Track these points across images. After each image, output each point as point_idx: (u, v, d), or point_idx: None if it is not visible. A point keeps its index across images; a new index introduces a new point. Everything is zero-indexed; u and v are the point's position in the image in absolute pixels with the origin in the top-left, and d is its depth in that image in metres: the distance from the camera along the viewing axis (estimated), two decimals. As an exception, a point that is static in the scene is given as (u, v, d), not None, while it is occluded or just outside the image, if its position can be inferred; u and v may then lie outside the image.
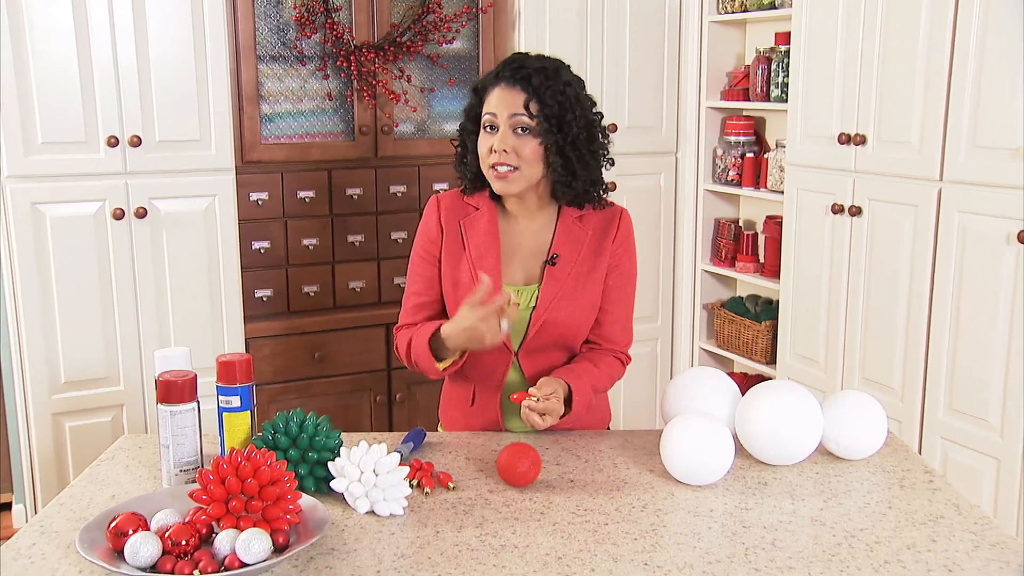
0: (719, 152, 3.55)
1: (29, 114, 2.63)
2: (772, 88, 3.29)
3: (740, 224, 3.62)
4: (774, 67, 3.27)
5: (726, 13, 3.43)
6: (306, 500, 1.35)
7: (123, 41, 2.70)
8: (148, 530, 1.26)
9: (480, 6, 3.27)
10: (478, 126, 1.78)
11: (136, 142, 2.74)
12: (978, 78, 2.40)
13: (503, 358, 1.81)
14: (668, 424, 1.59)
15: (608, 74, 3.39)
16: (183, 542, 1.22)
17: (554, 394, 1.67)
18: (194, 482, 1.46)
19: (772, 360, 3.32)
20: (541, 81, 1.71)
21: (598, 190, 1.83)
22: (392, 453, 1.43)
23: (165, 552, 1.22)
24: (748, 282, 3.53)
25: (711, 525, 1.40)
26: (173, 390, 1.48)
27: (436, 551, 1.31)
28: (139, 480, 1.56)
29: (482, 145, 1.76)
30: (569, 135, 1.73)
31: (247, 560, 1.20)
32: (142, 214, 2.79)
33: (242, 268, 3.00)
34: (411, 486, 1.49)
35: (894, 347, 2.72)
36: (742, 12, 3.36)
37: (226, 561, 1.21)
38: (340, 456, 1.45)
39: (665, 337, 3.73)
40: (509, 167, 1.72)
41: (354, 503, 1.42)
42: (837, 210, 2.86)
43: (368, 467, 1.41)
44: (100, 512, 1.35)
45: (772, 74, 3.28)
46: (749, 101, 3.40)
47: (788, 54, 3.13)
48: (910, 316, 2.66)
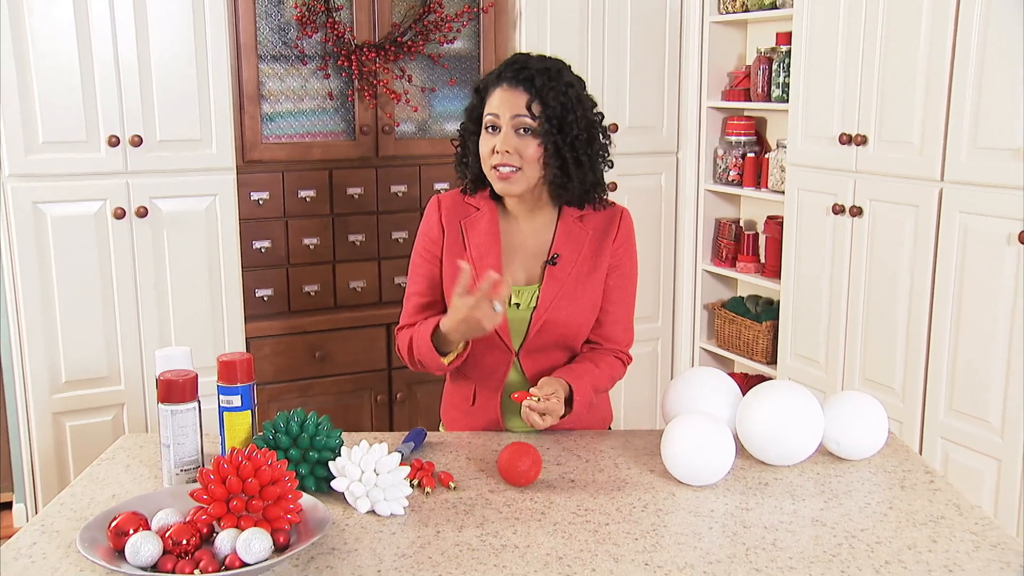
0: (720, 152, 3.55)
1: (30, 113, 2.63)
2: (773, 88, 3.29)
3: (741, 224, 3.62)
4: (775, 67, 3.27)
5: (727, 13, 3.43)
6: (307, 500, 1.35)
7: (124, 40, 2.70)
8: (149, 529, 1.26)
9: (481, 6, 3.27)
10: (479, 126, 1.78)
11: (137, 141, 2.75)
12: (979, 78, 2.40)
13: (504, 358, 1.81)
14: (669, 424, 1.59)
15: (609, 74, 3.39)
16: (184, 541, 1.22)
17: (555, 394, 1.67)
18: (195, 482, 1.47)
19: (773, 360, 3.32)
20: (544, 82, 1.71)
21: (598, 191, 1.82)
22: (393, 453, 1.44)
23: (166, 552, 1.22)
24: (749, 282, 3.53)
25: (712, 525, 1.40)
26: (174, 389, 1.49)
27: (437, 551, 1.31)
28: (140, 479, 1.56)
29: (484, 145, 1.76)
30: (569, 136, 1.73)
31: (248, 560, 1.20)
32: (143, 213, 2.79)
33: (243, 267, 3.01)
34: (412, 486, 1.49)
35: (895, 347, 2.72)
36: (743, 12, 3.36)
37: (227, 561, 1.21)
38: (341, 456, 1.45)
39: (666, 337, 3.73)
40: (511, 168, 1.72)
41: (355, 503, 1.42)
42: (838, 210, 2.86)
43: (369, 467, 1.41)
44: (101, 511, 1.35)
45: (773, 74, 3.28)
46: (750, 101, 3.39)
47: (789, 54, 3.13)
48: (911, 316, 2.66)
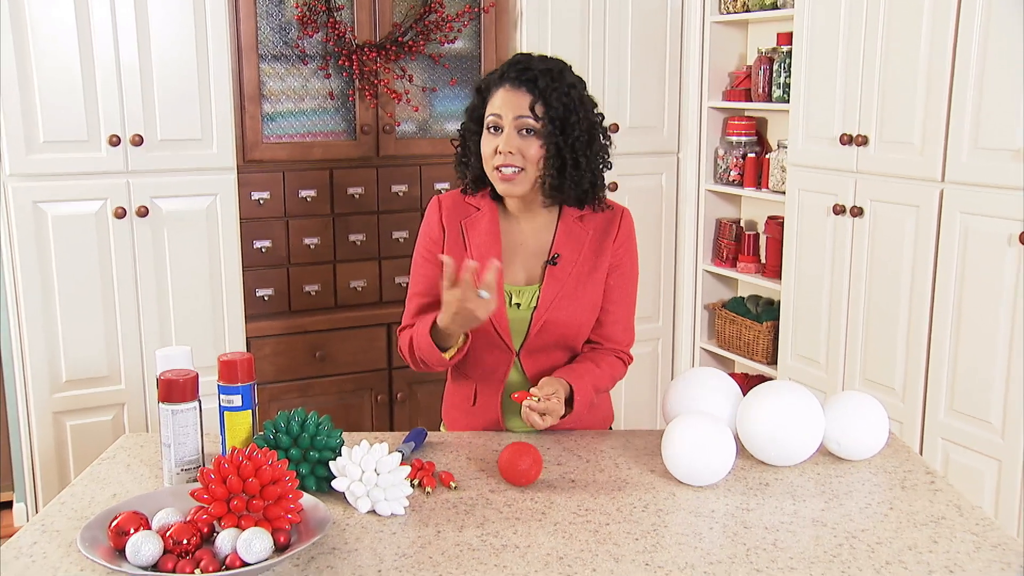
0: (721, 152, 3.55)
1: (31, 113, 2.63)
2: (774, 88, 3.29)
3: (741, 224, 3.62)
4: (776, 67, 3.27)
5: (728, 13, 3.43)
6: (307, 499, 1.35)
7: (125, 40, 2.70)
8: (149, 529, 1.26)
9: (482, 6, 3.27)
10: (481, 126, 1.78)
11: (138, 141, 2.75)
12: (980, 79, 2.40)
13: (504, 358, 1.81)
14: (669, 424, 1.59)
15: (610, 74, 3.39)
16: (184, 541, 1.22)
17: (555, 394, 1.67)
18: (195, 481, 1.47)
19: (773, 361, 3.32)
20: (547, 83, 1.71)
21: (597, 192, 1.81)
22: (393, 453, 1.44)
23: (166, 551, 1.22)
24: (749, 282, 3.53)
25: (712, 525, 1.39)
26: (175, 389, 1.49)
27: (437, 551, 1.31)
28: (140, 479, 1.56)
29: (486, 146, 1.75)
30: (571, 137, 1.72)
31: (248, 559, 1.20)
32: (144, 213, 2.79)
33: (243, 267, 3.01)
34: (412, 486, 1.49)
35: (895, 348, 2.72)
36: (744, 12, 3.36)
37: (227, 560, 1.21)
38: (341, 455, 1.45)
39: (666, 337, 3.73)
40: (514, 168, 1.72)
41: (355, 502, 1.42)
42: (839, 211, 2.86)
43: (369, 466, 1.41)
44: (101, 511, 1.35)
45: (774, 74, 3.28)
46: (751, 101, 3.39)
47: (790, 54, 3.13)
48: (911, 317, 2.66)
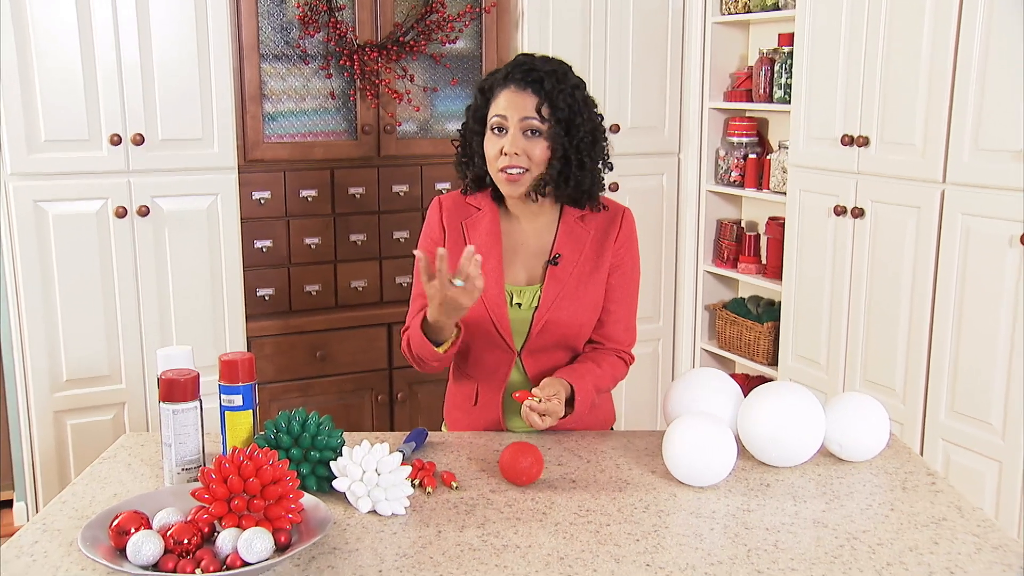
0: (722, 153, 3.55)
1: (32, 112, 2.63)
2: (775, 89, 3.28)
3: (742, 225, 3.62)
4: (777, 68, 3.27)
5: (729, 14, 3.43)
6: (308, 499, 1.35)
7: (126, 40, 2.70)
8: (150, 529, 1.26)
9: (483, 6, 3.27)
10: (484, 127, 1.78)
11: (139, 140, 2.75)
12: (981, 80, 2.40)
13: (506, 358, 1.81)
14: (670, 425, 1.59)
15: (611, 74, 3.39)
16: (185, 541, 1.22)
17: (556, 395, 1.67)
18: (196, 481, 1.46)
19: (774, 361, 3.32)
20: (553, 85, 1.71)
21: (598, 192, 1.82)
22: (394, 453, 1.44)
23: (167, 551, 1.22)
24: (750, 283, 3.53)
25: (713, 526, 1.39)
26: (175, 389, 1.48)
27: (438, 551, 1.31)
28: (141, 479, 1.56)
29: (491, 147, 1.75)
30: (576, 138, 1.73)
31: (249, 559, 1.20)
32: (145, 212, 2.79)
33: (244, 267, 3.01)
34: (413, 486, 1.49)
35: (896, 349, 2.72)
36: (745, 13, 3.36)
37: (228, 560, 1.21)
38: (342, 455, 1.45)
39: (667, 338, 3.73)
40: (519, 169, 1.72)
41: (356, 502, 1.42)
42: (840, 212, 2.86)
43: (370, 466, 1.41)
44: (102, 510, 1.35)
45: (775, 75, 3.28)
46: (752, 102, 3.39)
47: (791, 55, 3.13)
48: (912, 318, 2.66)
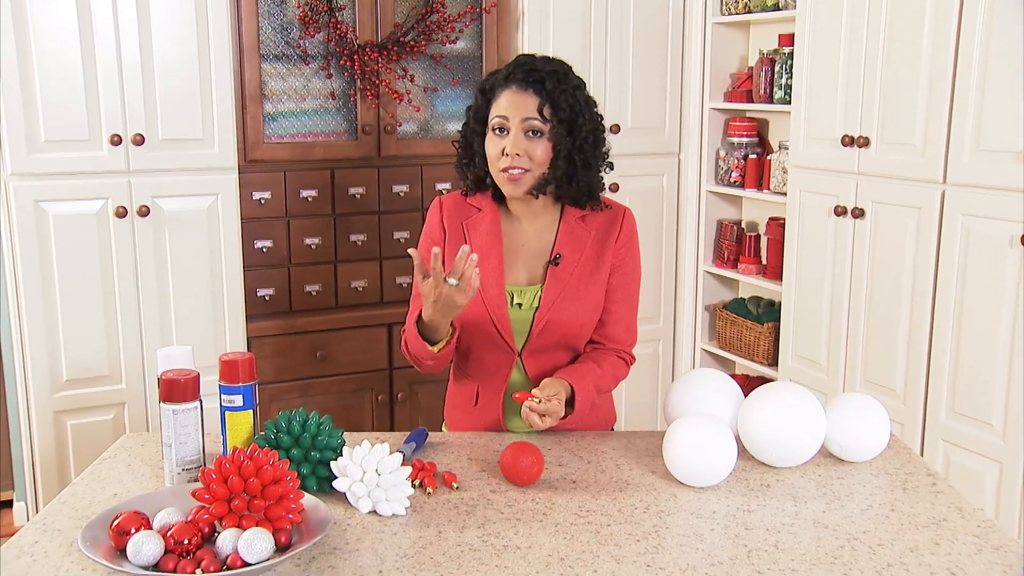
0: (722, 153, 3.55)
1: (32, 112, 2.63)
2: (775, 90, 3.28)
3: (743, 226, 3.62)
4: (777, 69, 3.27)
5: (730, 14, 3.43)
6: (308, 500, 1.35)
7: (127, 39, 2.70)
8: (150, 529, 1.26)
9: (484, 6, 3.27)
10: (485, 127, 1.78)
11: (139, 140, 2.75)
12: (982, 81, 2.40)
13: (506, 358, 1.81)
14: (671, 425, 1.59)
15: (611, 75, 3.39)
16: (185, 541, 1.22)
17: (556, 395, 1.66)
18: (196, 481, 1.46)
19: (774, 362, 3.31)
20: (554, 85, 1.71)
21: (599, 192, 1.83)
22: (394, 453, 1.44)
23: (167, 551, 1.22)
24: (750, 283, 3.53)
25: (714, 527, 1.39)
26: (176, 389, 1.48)
27: (438, 551, 1.31)
28: (141, 479, 1.56)
29: (492, 147, 1.75)
30: (578, 138, 1.73)
31: (249, 559, 1.20)
32: (145, 212, 2.79)
33: (244, 267, 3.01)
34: (413, 486, 1.49)
35: (896, 349, 2.72)
36: (746, 13, 3.36)
37: (228, 560, 1.21)
38: (343, 456, 1.44)
39: (667, 338, 3.73)
40: (521, 170, 1.72)
41: (356, 503, 1.42)
42: (840, 212, 2.86)
43: (371, 467, 1.41)
44: (102, 510, 1.35)
45: (775, 76, 3.28)
46: (752, 103, 3.39)
47: (792, 56, 3.13)
48: (912, 319, 2.66)
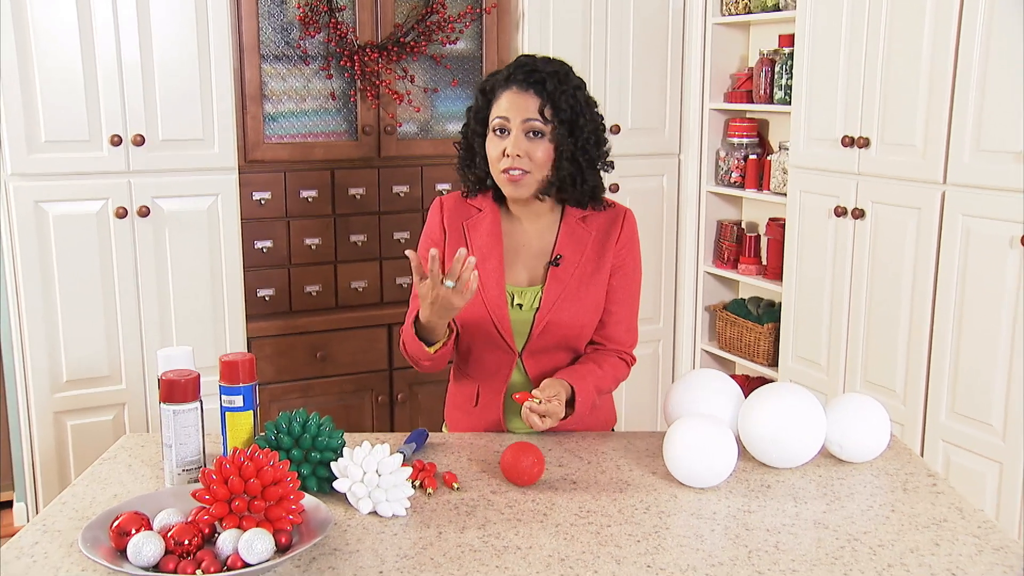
0: (722, 154, 3.55)
1: (32, 112, 2.63)
2: (775, 90, 3.28)
3: (743, 226, 3.62)
4: (778, 69, 3.27)
5: (730, 15, 3.43)
6: (309, 500, 1.35)
7: (127, 40, 2.70)
8: (151, 529, 1.25)
9: (484, 7, 3.27)
10: (485, 128, 1.78)
11: (139, 141, 2.75)
12: (982, 81, 2.40)
13: (507, 359, 1.81)
14: (671, 426, 1.58)
15: (611, 75, 3.39)
16: (186, 542, 1.22)
17: (556, 396, 1.66)
18: (197, 482, 1.46)
19: (774, 362, 3.31)
20: (555, 86, 1.71)
21: (601, 192, 1.83)
22: (395, 454, 1.43)
23: (168, 552, 1.22)
24: (750, 284, 3.53)
25: (714, 527, 1.39)
26: (176, 389, 1.48)
27: (439, 552, 1.31)
28: (141, 479, 1.56)
29: (492, 148, 1.75)
30: (580, 139, 1.73)
31: (250, 560, 1.20)
32: (145, 213, 2.79)
33: (244, 267, 3.01)
34: (414, 487, 1.49)
35: (896, 350, 2.72)
36: (746, 14, 3.36)
37: (229, 561, 1.21)
38: (343, 456, 1.44)
39: (667, 339, 3.73)
40: (521, 171, 1.72)
41: (357, 503, 1.42)
42: (840, 213, 2.86)
43: (371, 467, 1.41)
44: (103, 511, 1.35)
45: (776, 76, 3.28)
46: (752, 103, 3.39)
47: (792, 56, 3.13)
48: (913, 319, 2.66)
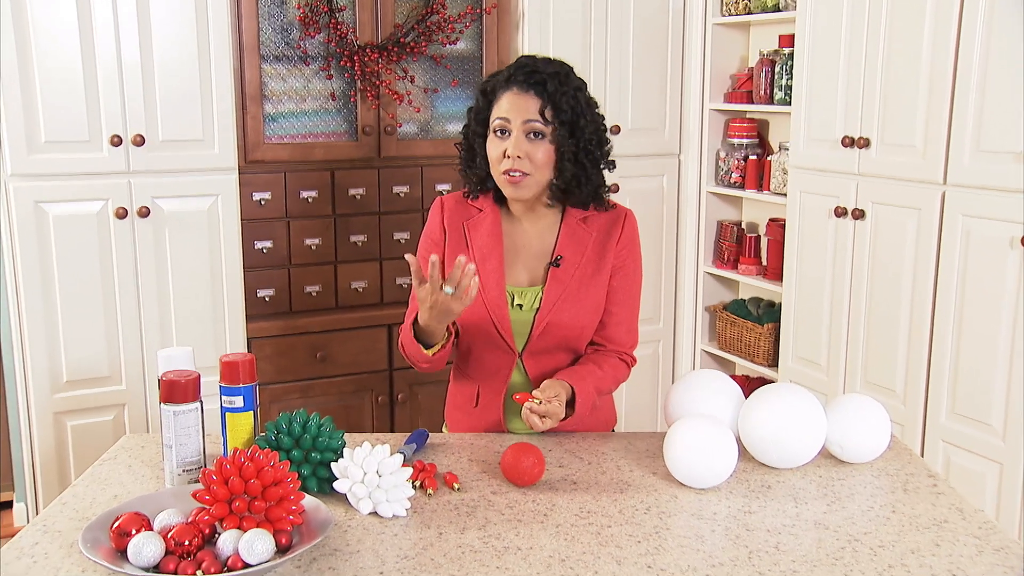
0: (722, 154, 3.55)
1: (33, 113, 2.63)
2: (775, 90, 3.28)
3: (743, 226, 3.62)
4: (778, 69, 3.27)
5: (730, 15, 3.43)
6: (309, 501, 1.35)
7: (127, 40, 2.70)
8: (151, 530, 1.25)
9: (484, 7, 3.27)
10: (486, 129, 1.77)
11: (139, 141, 2.74)
12: (982, 82, 2.40)
13: (507, 359, 1.81)
14: (671, 427, 1.58)
15: (612, 76, 3.39)
16: (186, 542, 1.22)
17: (556, 397, 1.66)
18: (197, 482, 1.46)
19: (774, 363, 3.31)
20: (556, 87, 1.71)
21: (604, 192, 1.83)
22: (395, 454, 1.43)
23: (168, 552, 1.22)
24: (750, 284, 3.53)
25: (714, 528, 1.39)
26: (176, 390, 1.48)
27: (439, 552, 1.31)
28: (142, 480, 1.56)
29: (493, 150, 1.75)
30: (582, 140, 1.73)
31: (250, 561, 1.20)
32: (145, 213, 2.79)
33: (244, 268, 3.00)
34: (414, 487, 1.49)
35: (896, 350, 2.72)
36: (746, 14, 3.36)
37: (229, 562, 1.21)
38: (343, 457, 1.44)
39: (667, 339, 3.73)
40: (522, 173, 1.72)
41: (357, 504, 1.42)
42: (840, 213, 2.86)
43: (371, 468, 1.41)
44: (103, 512, 1.35)
45: (776, 76, 3.28)
46: (752, 103, 3.39)
47: (792, 56, 3.13)
48: (913, 319, 2.66)
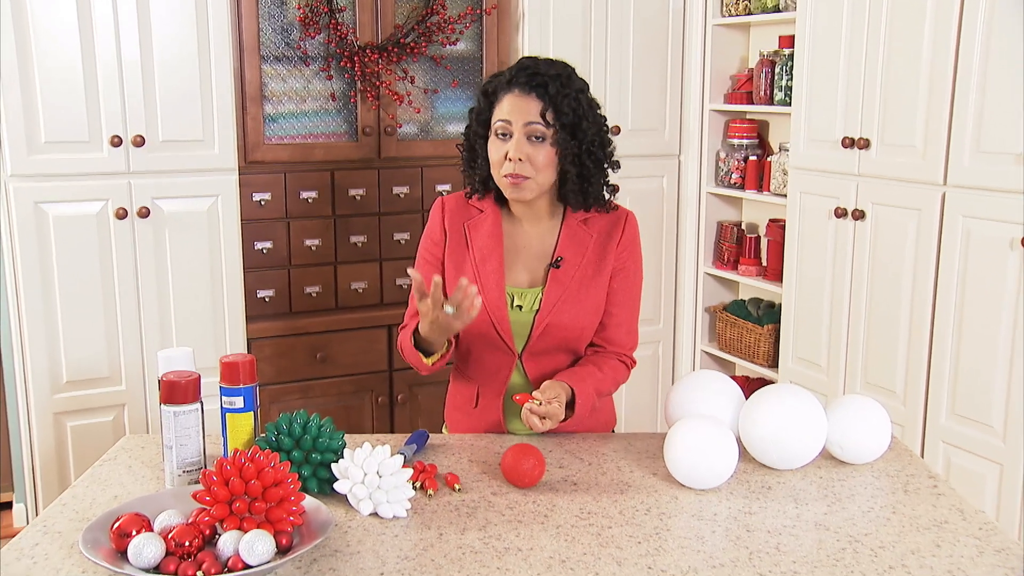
0: (722, 155, 3.55)
1: (33, 113, 2.63)
2: (775, 91, 3.28)
3: (743, 227, 3.62)
4: (778, 70, 3.27)
5: (730, 16, 3.43)
6: (309, 502, 1.35)
7: (127, 40, 2.70)
8: (151, 531, 1.25)
9: (484, 8, 3.27)
10: (487, 130, 1.77)
11: (139, 142, 2.74)
12: (982, 82, 2.40)
13: (507, 360, 1.81)
14: (672, 427, 1.58)
15: (612, 76, 3.39)
16: (186, 543, 1.22)
17: (556, 398, 1.66)
18: (197, 483, 1.46)
19: (774, 363, 3.31)
20: (557, 89, 1.70)
21: (607, 193, 1.83)
22: (396, 455, 1.43)
23: (168, 553, 1.22)
24: (750, 285, 3.53)
25: (715, 529, 1.39)
26: (177, 391, 1.48)
27: (439, 553, 1.31)
28: (142, 481, 1.56)
29: (495, 152, 1.75)
30: (584, 142, 1.73)
31: (250, 561, 1.20)
32: (145, 214, 2.79)
33: (244, 268, 3.00)
34: (414, 488, 1.49)
35: (896, 351, 2.72)
36: (746, 15, 3.36)
37: (229, 562, 1.21)
38: (344, 458, 1.44)
39: (667, 340, 3.73)
40: (523, 176, 1.72)
41: (357, 505, 1.42)
42: (840, 214, 2.86)
43: (372, 469, 1.41)
44: (103, 512, 1.35)
45: (776, 77, 3.28)
46: (752, 104, 3.39)
47: (792, 57, 3.13)
48: (913, 320, 2.66)
